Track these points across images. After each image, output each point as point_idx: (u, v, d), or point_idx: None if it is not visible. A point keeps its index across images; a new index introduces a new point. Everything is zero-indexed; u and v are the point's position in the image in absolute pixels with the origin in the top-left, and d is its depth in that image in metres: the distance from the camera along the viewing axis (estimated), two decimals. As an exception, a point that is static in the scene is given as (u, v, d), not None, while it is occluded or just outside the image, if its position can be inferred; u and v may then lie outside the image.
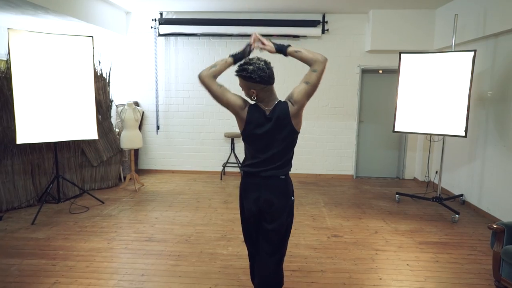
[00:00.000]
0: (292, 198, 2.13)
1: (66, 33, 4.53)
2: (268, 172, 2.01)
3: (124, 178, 6.06)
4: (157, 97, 6.50)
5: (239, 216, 2.33)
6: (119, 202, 4.93)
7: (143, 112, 6.51)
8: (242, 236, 2.57)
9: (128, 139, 5.41)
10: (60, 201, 4.73)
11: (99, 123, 5.52)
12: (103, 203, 4.85)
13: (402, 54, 4.63)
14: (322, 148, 6.52)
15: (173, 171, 6.73)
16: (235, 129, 6.54)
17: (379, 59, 6.21)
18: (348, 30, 6.19)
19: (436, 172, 5.89)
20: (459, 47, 5.07)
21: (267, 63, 2.05)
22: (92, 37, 4.58)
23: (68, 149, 5.12)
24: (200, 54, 6.41)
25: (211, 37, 6.34)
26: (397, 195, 5.16)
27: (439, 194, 4.81)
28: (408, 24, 5.82)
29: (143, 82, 6.52)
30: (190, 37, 6.36)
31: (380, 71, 6.46)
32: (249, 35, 6.47)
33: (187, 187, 5.81)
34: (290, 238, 3.81)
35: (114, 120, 6.25)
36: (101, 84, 5.53)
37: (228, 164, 6.51)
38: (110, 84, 5.74)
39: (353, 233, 3.96)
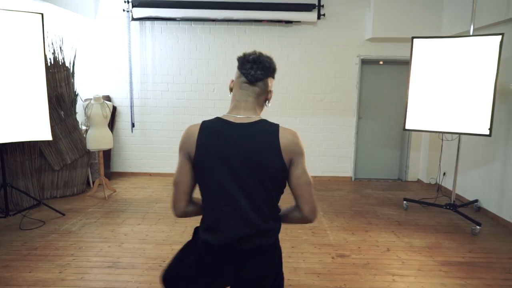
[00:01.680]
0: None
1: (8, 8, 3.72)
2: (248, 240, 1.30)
3: (93, 183, 5.29)
4: (131, 90, 5.72)
5: None
6: (83, 214, 4.17)
7: (114, 108, 5.73)
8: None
9: (95, 139, 4.64)
10: (9, 214, 3.94)
11: (61, 120, 4.72)
12: (63, 215, 4.09)
13: (414, 40, 3.99)
14: (317, 147, 5.88)
15: (150, 174, 5.98)
16: (221, 126, 5.82)
17: (380, 48, 5.59)
18: (347, 16, 5.54)
19: (444, 174, 5.33)
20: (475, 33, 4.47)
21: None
22: (42, 14, 3.77)
23: (21, 152, 4.32)
24: (180, 42, 5.66)
25: (192, 22, 5.59)
26: (405, 202, 4.55)
27: (453, 201, 4.23)
28: (414, 8, 5.20)
29: (115, 74, 5.73)
30: (168, 22, 5.59)
31: (381, 62, 5.84)
32: (236, 20, 5.83)
33: (165, 193, 5.07)
34: (287, 260, 3.16)
35: (80, 116, 5.45)
36: (64, 75, 4.73)
37: (213, 166, 5.77)
38: (75, 75, 4.93)
39: (361, 251, 3.32)
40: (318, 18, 5.42)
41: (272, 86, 1.40)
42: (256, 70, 1.30)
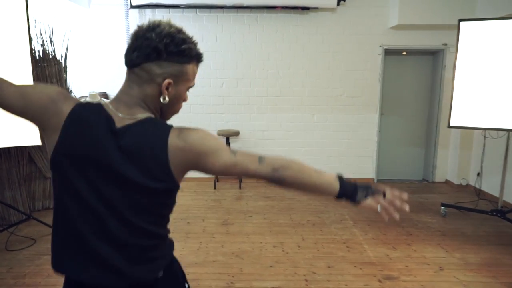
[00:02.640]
0: None
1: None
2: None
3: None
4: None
5: (246, 247, 1.62)
6: (80, 228, 3.62)
7: (113, 106, 5.16)
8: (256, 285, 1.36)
9: (92, 142, 4.08)
10: (-7, 232, 3.38)
11: (53, 121, 4.16)
12: (57, 230, 3.54)
13: (462, 23, 3.48)
14: (336, 146, 5.36)
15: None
16: (230, 125, 5.30)
17: (405, 37, 5.08)
18: (368, 1, 5.02)
19: (478, 174, 4.84)
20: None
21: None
22: (27, -2, 3.20)
23: (7, 158, 3.76)
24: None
25: (198, 9, 5.04)
26: (442, 208, 4.06)
27: (501, 206, 3.74)
28: (445, -8, 4.69)
29: (113, 68, 5.17)
30: (171, 10, 5.03)
31: (404, 53, 5.34)
32: (246, 7, 5.30)
33: (172, 200, 4.54)
34: (327, 286, 2.65)
35: (75, 116, 4.89)
36: (55, 69, 4.17)
37: (222, 169, 5.24)
38: (68, 69, 4.37)
39: (410, 271, 2.82)
40: (338, 3, 4.89)
41: (185, 73, 0.96)
42: (132, 51, 0.92)
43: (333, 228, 3.70)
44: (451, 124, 3.60)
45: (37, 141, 3.29)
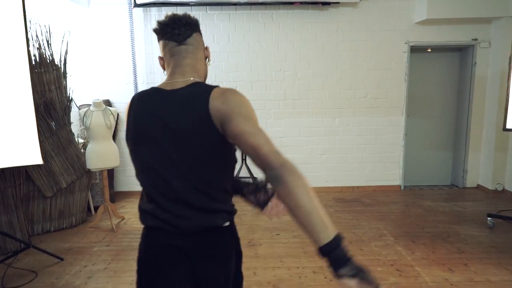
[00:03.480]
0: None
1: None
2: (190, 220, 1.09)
3: (95, 209, 4.28)
4: (136, 92, 4.72)
5: (282, 274, 1.53)
6: (87, 256, 3.17)
7: (118, 115, 4.72)
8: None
9: (97, 156, 3.64)
10: (-12, 265, 2.92)
11: (53, 134, 3.72)
12: (61, 259, 3.08)
13: None
14: (360, 152, 4.97)
15: (162, 192, 4.99)
16: (246, 132, 4.87)
17: (431, 32, 4.71)
18: (393, -5, 4.65)
19: (516, 178, 4.47)
20: None
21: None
22: (24, -6, 2.77)
23: (2, 177, 3.30)
24: (193, 32, 4.68)
25: (208, 7, 4.63)
26: (489, 218, 3.67)
27: (557, 216, 3.37)
28: (476, -17, 4.34)
29: (116, 73, 4.73)
30: (179, 8, 4.62)
31: (429, 50, 4.97)
32: (261, 3, 4.83)
33: (186, 217, 4.10)
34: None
35: (76, 127, 4.45)
36: (54, 75, 3.73)
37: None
38: (68, 75, 3.93)
39: (481, 300, 2.42)
40: (361, -3, 4.51)
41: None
42: (179, 28, 1.12)
43: (373, 246, 3.29)
44: (507, 127, 3.21)
45: (37, 160, 2.83)
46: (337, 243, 0.84)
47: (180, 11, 4.50)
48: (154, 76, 4.75)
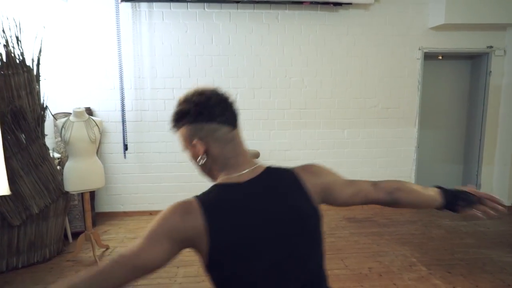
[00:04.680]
0: None
1: None
2: None
3: (74, 236, 3.63)
4: (122, 100, 4.13)
5: None
6: (66, 302, 2.55)
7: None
8: None
9: (79, 175, 3.03)
10: None
11: (22, 149, 3.07)
12: (32, 309, 2.46)
13: None
14: (370, 166, 4.57)
15: (151, 213, 4.39)
16: (248, 144, 4.36)
17: (445, 39, 4.41)
18: (405, -2, 4.32)
19: (536, 194, 4.21)
20: None
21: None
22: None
23: (-44, 204, 2.63)
24: (189, 33, 4.16)
25: (206, 4, 4.12)
26: (523, 242, 3.34)
27: None
28: (495, -13, 4.08)
29: (99, 77, 4.12)
30: (173, 5, 4.08)
31: (440, 57, 4.68)
32: (265, 2, 4.07)
33: (183, 245, 3.54)
34: None
35: (50, 139, 3.80)
36: (24, 79, 3.10)
37: (238, 199, 4.30)
38: (42, 78, 3.30)
39: None
40: (375, -1, 4.15)
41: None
42: (229, 109, 0.99)
43: (407, 279, 2.85)
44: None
45: (3, 189, 2.20)
46: (446, 198, 1.11)
47: (174, 7, 3.98)
48: (143, 81, 4.17)
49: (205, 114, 0.94)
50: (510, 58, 4.43)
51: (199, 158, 0.98)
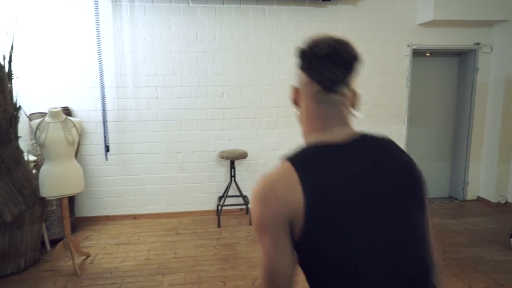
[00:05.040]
0: None
1: None
2: None
3: (52, 244, 3.43)
4: (103, 99, 3.93)
5: None
6: (43, 317, 2.38)
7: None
8: None
9: (56, 180, 2.84)
10: None
11: (-7, 153, 2.86)
12: (5, 326, 2.28)
13: None
14: (359, 165, 4.50)
15: (135, 216, 4.21)
16: (234, 144, 4.25)
17: (433, 35, 4.38)
18: (394, -7, 4.26)
19: (523, 191, 4.23)
20: None
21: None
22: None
23: None
24: (173, 28, 3.99)
25: (191, -1, 3.96)
26: (513, 239, 3.34)
27: None
28: (482, -17, 4.05)
29: (77, 75, 3.91)
30: (155, 0, 3.91)
31: (428, 54, 4.65)
32: None
33: (167, 249, 3.39)
34: None
35: (25, 141, 3.58)
36: (-6, 77, 2.88)
37: (227, 200, 4.17)
38: (14, 76, 3.08)
39: None
40: (364, -6, 4.06)
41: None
42: (334, 70, 0.84)
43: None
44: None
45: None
46: None
47: (157, 2, 3.82)
48: (125, 78, 3.98)
49: (306, 64, 0.86)
50: (497, 55, 4.43)
51: (293, 104, 0.94)
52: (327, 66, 0.83)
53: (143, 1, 3.88)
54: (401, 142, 4.53)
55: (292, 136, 4.32)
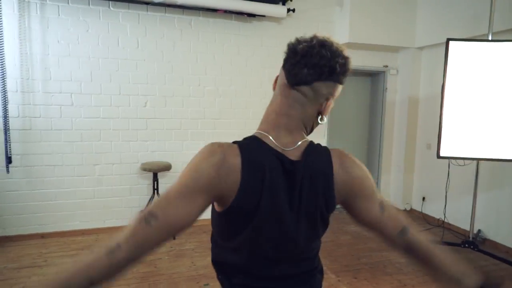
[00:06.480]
0: None
1: None
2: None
3: None
4: (5, 104, 3.50)
5: None
6: None
7: (-26, 134, 3.42)
8: None
9: None
10: None
11: None
12: None
13: (451, 42, 3.15)
14: (284, 176, 4.66)
15: (42, 236, 3.79)
16: (157, 156, 4.10)
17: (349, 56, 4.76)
18: (315, 15, 4.55)
19: (424, 199, 4.77)
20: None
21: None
22: None
23: None
24: (91, 32, 3.74)
25: (112, 2, 3.76)
26: (415, 242, 3.70)
27: (472, 237, 3.56)
28: (389, 13, 4.54)
29: (-27, 76, 3.44)
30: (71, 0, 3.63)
31: (345, 73, 5.04)
32: (178, 6, 3.78)
33: (80, 272, 3.09)
34: None
35: None
36: None
37: (148, 215, 3.97)
38: None
39: None
40: (288, 12, 4.26)
41: (336, 94, 0.93)
42: (301, 68, 0.86)
43: (318, 288, 2.91)
44: (441, 155, 3.23)
45: None
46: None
47: (73, 2, 3.58)
48: (32, 83, 3.61)
49: (286, 55, 0.90)
50: (402, 77, 4.98)
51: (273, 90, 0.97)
52: (299, 63, 0.86)
53: (57, 0, 3.58)
54: (322, 154, 4.80)
55: (218, 148, 4.31)
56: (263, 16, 4.18)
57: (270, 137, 0.89)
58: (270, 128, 0.90)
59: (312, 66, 0.86)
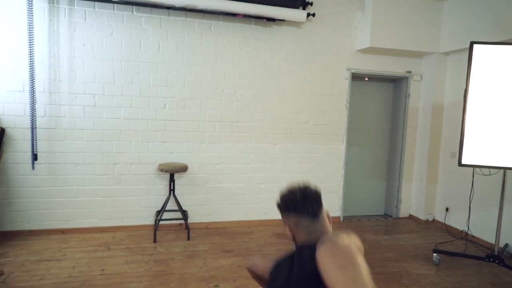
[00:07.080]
0: None
1: None
2: None
3: (-41, 261, 3.08)
4: (32, 104, 3.68)
5: None
6: None
7: (2, 131, 3.62)
8: None
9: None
10: None
11: None
12: None
13: (475, 46, 3.03)
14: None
15: (63, 231, 3.93)
16: (174, 157, 4.16)
17: (370, 61, 4.68)
18: (337, 19, 4.51)
19: (447, 209, 4.58)
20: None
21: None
22: None
23: None
24: (115, 36, 3.88)
25: (135, 7, 3.89)
26: (435, 255, 3.55)
27: (497, 251, 3.37)
28: (413, 17, 4.43)
29: (5, 77, 3.64)
30: (97, 4, 3.79)
31: (366, 78, 4.96)
32: (199, 11, 3.85)
33: (94, 265, 3.18)
34: None
35: None
36: None
37: (165, 214, 4.03)
38: None
39: None
40: (308, 16, 4.25)
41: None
42: (311, 204, 1.31)
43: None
44: (463, 163, 3.10)
45: None
46: None
47: (99, 7, 3.71)
48: (60, 84, 3.78)
49: (290, 208, 1.30)
50: (425, 83, 4.83)
51: (292, 240, 1.33)
52: (306, 204, 1.28)
53: (84, 5, 3.75)
54: (340, 161, 4.72)
55: (234, 151, 4.33)
56: (283, 20, 4.18)
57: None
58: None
59: (315, 202, 1.33)
